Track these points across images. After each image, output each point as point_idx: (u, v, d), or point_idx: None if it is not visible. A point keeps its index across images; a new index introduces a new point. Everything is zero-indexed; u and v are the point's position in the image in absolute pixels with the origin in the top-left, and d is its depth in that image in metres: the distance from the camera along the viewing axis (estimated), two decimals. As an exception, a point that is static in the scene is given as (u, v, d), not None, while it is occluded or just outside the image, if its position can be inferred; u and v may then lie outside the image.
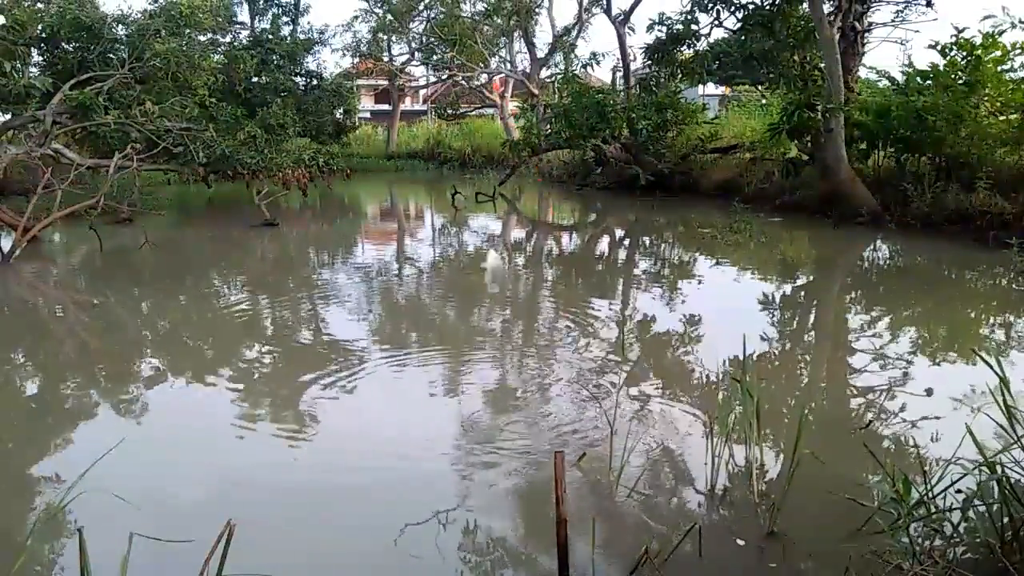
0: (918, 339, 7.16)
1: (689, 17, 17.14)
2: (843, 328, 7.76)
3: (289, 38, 21.63)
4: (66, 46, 16.68)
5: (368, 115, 42.58)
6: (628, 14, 22.91)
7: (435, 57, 32.83)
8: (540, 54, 30.76)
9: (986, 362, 3.54)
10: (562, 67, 29.21)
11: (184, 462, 4.46)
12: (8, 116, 16.42)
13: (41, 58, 17.54)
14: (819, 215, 14.03)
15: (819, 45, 14.11)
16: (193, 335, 7.75)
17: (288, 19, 25.95)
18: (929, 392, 5.39)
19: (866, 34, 15.07)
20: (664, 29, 17.80)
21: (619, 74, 24.27)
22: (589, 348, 6.83)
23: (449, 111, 31.74)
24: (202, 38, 18.46)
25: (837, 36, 13.68)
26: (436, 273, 11.37)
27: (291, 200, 19.46)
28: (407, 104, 43.32)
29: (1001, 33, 12.41)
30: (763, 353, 6.51)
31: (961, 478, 3.32)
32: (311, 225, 17.92)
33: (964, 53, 12.67)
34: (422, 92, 45.35)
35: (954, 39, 12.71)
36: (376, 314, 8.58)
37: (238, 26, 24.95)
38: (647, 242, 14.05)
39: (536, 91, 28.15)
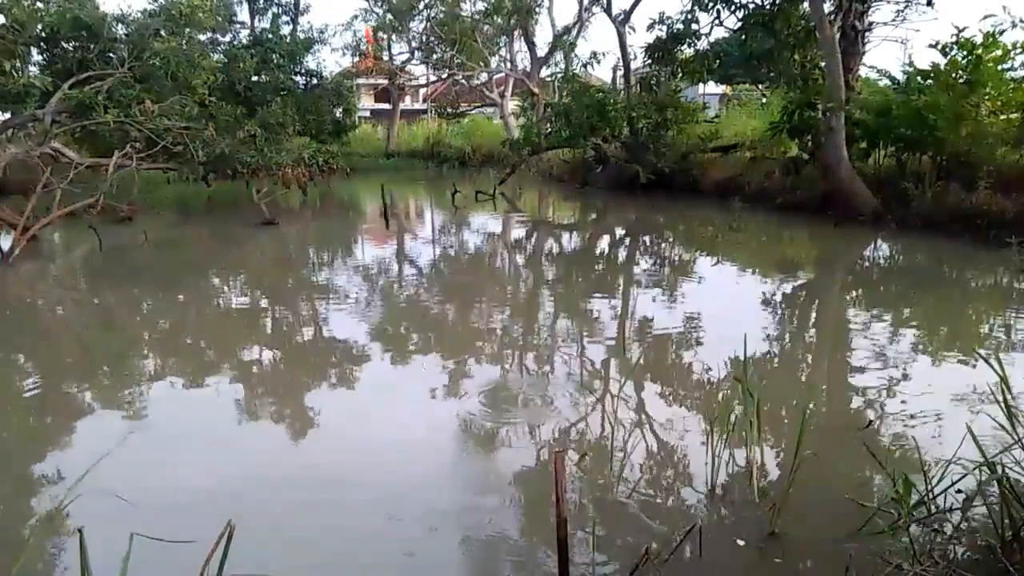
0: (918, 339, 7.16)
1: (689, 16, 17.15)
2: (844, 328, 7.75)
3: (289, 37, 21.62)
4: (66, 45, 16.69)
5: (368, 114, 42.57)
6: (628, 13, 22.89)
7: (435, 56, 32.83)
8: (540, 53, 30.74)
9: (986, 362, 3.54)
10: (562, 66, 29.21)
11: (184, 462, 4.46)
12: (8, 115, 16.42)
13: (41, 57, 17.55)
14: (819, 214, 14.02)
15: (819, 44, 14.10)
16: (193, 334, 7.74)
17: (288, 18, 25.99)
18: (929, 392, 5.39)
19: (866, 33, 15.05)
20: (664, 28, 17.82)
21: (619, 73, 24.26)
22: (589, 348, 6.83)
23: (449, 110, 31.72)
24: (202, 37, 18.47)
25: (837, 35, 13.67)
26: (436, 272, 11.37)
27: (291, 199, 19.46)
28: (407, 103, 43.32)
29: (1001, 32, 12.41)
30: (764, 353, 6.51)
31: (961, 478, 3.32)
32: (311, 224, 17.92)
33: (965, 52, 12.65)
34: (422, 91, 45.32)
35: (955, 38, 12.69)
36: (376, 313, 8.57)
37: (238, 25, 24.92)
38: (647, 241, 14.04)
39: (536, 90, 28.14)
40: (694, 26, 17.21)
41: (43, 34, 16.39)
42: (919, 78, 13.51)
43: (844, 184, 13.68)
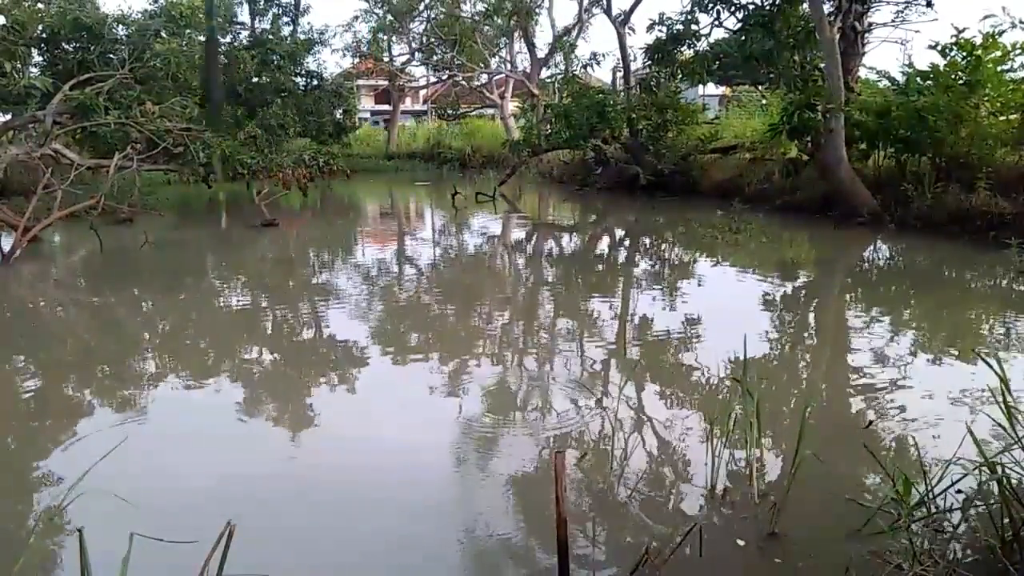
0: (918, 339, 7.16)
1: (689, 17, 17.15)
2: (843, 328, 7.75)
3: (289, 38, 21.66)
4: (66, 46, 16.73)
5: (368, 115, 42.65)
6: (628, 14, 22.91)
7: (435, 57, 32.87)
8: (540, 54, 30.77)
9: (986, 362, 3.54)
10: (562, 67, 29.25)
11: (184, 462, 4.46)
12: (8, 116, 16.45)
13: (41, 58, 17.60)
14: (819, 215, 14.03)
15: (819, 45, 14.11)
16: (193, 335, 7.75)
17: (288, 19, 25.99)
18: (929, 392, 5.39)
19: (866, 34, 15.08)
20: (664, 29, 17.82)
21: (619, 74, 24.27)
22: (590, 348, 6.83)
23: (449, 111, 31.76)
24: (202, 38, 18.47)
25: (837, 36, 13.68)
26: (436, 273, 11.37)
27: (291, 200, 19.46)
28: (407, 104, 43.37)
29: (1001, 33, 12.43)
30: (764, 353, 6.51)
31: (961, 478, 3.32)
32: (311, 225, 17.91)
33: (964, 53, 12.66)
34: (422, 92, 45.38)
35: (954, 39, 12.70)
36: (376, 314, 8.57)
37: (238, 26, 24.96)
38: (647, 242, 14.05)
39: (536, 91, 28.15)
40: (694, 27, 17.22)
41: (43, 35, 16.44)
42: (918, 79, 13.52)
43: (844, 185, 13.69)
